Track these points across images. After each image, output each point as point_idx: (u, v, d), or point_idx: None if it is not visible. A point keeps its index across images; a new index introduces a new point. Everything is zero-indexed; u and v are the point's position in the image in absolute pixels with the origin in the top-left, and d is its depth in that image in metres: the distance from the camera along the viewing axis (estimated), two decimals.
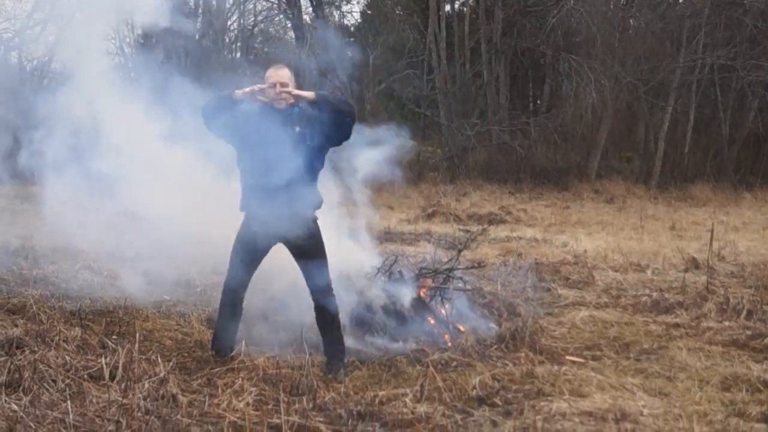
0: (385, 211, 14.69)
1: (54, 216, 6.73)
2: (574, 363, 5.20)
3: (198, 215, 5.90)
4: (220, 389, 4.28)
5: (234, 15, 25.65)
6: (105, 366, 4.36)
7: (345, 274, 5.76)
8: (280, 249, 4.96)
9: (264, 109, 4.77)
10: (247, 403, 4.05)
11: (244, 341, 4.94)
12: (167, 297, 6.58)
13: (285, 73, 4.84)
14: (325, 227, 5.01)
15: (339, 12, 26.70)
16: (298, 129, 4.77)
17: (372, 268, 6.03)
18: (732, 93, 22.13)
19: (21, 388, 4.01)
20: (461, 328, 5.85)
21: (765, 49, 20.67)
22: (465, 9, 24.92)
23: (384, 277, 5.98)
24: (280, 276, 5.59)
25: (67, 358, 4.46)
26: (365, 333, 5.62)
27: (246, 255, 4.89)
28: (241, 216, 4.95)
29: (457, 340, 5.55)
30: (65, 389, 4.07)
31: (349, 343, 5.29)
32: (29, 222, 7.51)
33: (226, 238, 5.02)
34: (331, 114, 4.73)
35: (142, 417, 3.75)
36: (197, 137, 5.53)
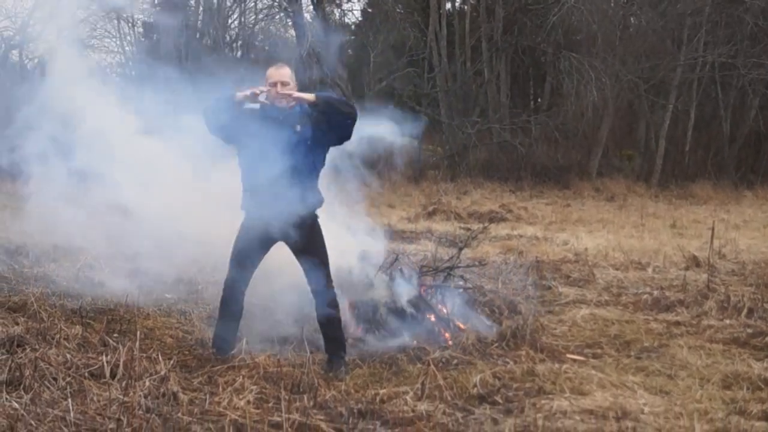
0: (386, 210, 14.69)
1: (54, 215, 6.72)
2: (574, 361, 5.21)
3: (199, 214, 5.90)
4: (220, 387, 4.29)
5: (235, 13, 25.63)
6: (106, 364, 4.36)
7: (346, 272, 5.76)
8: (280, 247, 4.96)
9: (265, 109, 4.77)
10: (248, 401, 4.05)
11: (244, 339, 4.94)
12: (168, 295, 6.59)
13: (286, 72, 4.84)
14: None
15: (340, 10, 26.68)
16: (298, 128, 4.76)
17: (373, 266, 6.03)
18: (733, 91, 22.10)
19: (22, 386, 4.01)
20: (462, 326, 5.85)
21: (766, 47, 20.63)
22: (466, 7, 24.89)
23: (385, 275, 5.98)
24: (280, 274, 5.59)
25: (68, 356, 4.46)
26: (366, 331, 5.63)
27: (247, 253, 4.90)
28: (242, 215, 4.95)
29: (458, 338, 5.55)
30: (66, 387, 4.07)
31: (350, 341, 5.29)
32: (29, 220, 7.50)
33: (226, 236, 5.02)
34: (332, 115, 4.73)
35: (142, 415, 3.75)
36: (197, 137, 5.53)
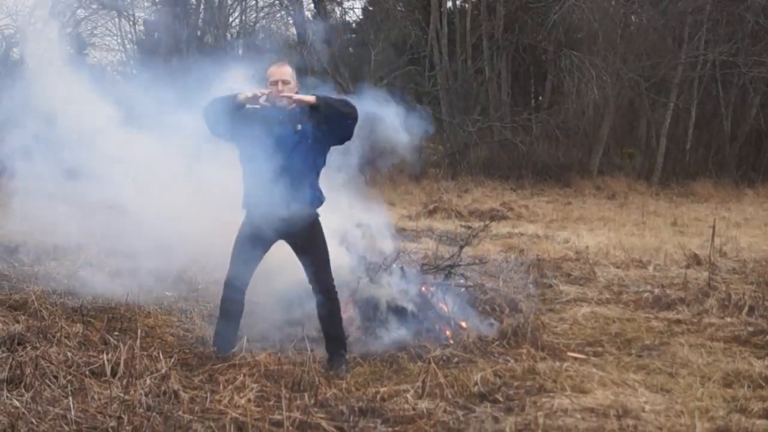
0: (387, 208, 14.67)
1: (54, 213, 6.72)
2: (575, 359, 5.21)
3: (199, 212, 5.90)
4: (221, 385, 4.28)
5: (236, 11, 25.64)
6: (106, 362, 4.35)
7: (347, 270, 5.77)
8: (281, 245, 4.96)
9: (265, 108, 4.77)
10: (249, 400, 4.05)
11: (245, 337, 4.93)
12: (169, 293, 6.59)
13: (287, 71, 4.83)
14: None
15: (341, 8, 26.66)
16: (299, 127, 4.76)
17: (374, 264, 6.03)
18: (734, 89, 22.08)
19: (22, 384, 4.00)
20: (463, 324, 5.85)
21: (767, 46, 20.62)
22: (466, 5, 24.86)
23: (386, 274, 5.98)
24: (281, 272, 5.59)
25: (69, 354, 4.46)
26: (367, 329, 5.62)
27: (247, 251, 4.89)
28: (243, 213, 4.95)
29: (459, 336, 5.55)
30: (67, 385, 4.07)
31: (351, 340, 5.29)
32: (29, 218, 7.51)
33: (227, 235, 5.02)
34: (333, 116, 4.73)
35: (143, 413, 3.75)
36: (198, 135, 5.52)
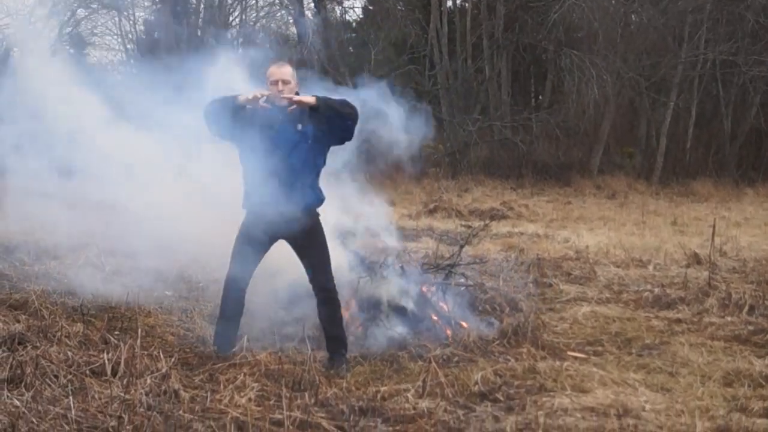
0: (387, 207, 14.65)
1: (55, 212, 6.72)
2: (575, 358, 5.20)
3: (200, 212, 5.90)
4: (222, 385, 4.29)
5: (236, 11, 25.64)
6: (107, 362, 4.35)
7: (347, 269, 5.77)
8: (281, 245, 4.96)
9: (266, 108, 4.77)
10: (249, 399, 4.06)
11: (245, 337, 4.93)
12: (169, 293, 6.59)
13: (287, 71, 4.83)
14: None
15: (341, 8, 26.64)
16: (300, 127, 4.76)
17: (374, 264, 6.03)
18: (734, 89, 22.08)
19: (23, 383, 4.00)
20: (463, 323, 5.85)
21: (767, 45, 20.62)
22: (467, 4, 24.86)
23: (386, 273, 5.98)
24: (281, 272, 5.59)
25: (69, 353, 4.46)
26: (367, 328, 5.62)
27: (248, 251, 4.89)
28: (243, 213, 4.95)
29: (459, 335, 5.54)
30: (67, 385, 4.07)
31: (351, 339, 5.29)
32: (30, 218, 7.51)
33: (227, 234, 5.02)
34: (333, 117, 4.72)
35: (144, 413, 3.75)
36: (199, 135, 5.52)
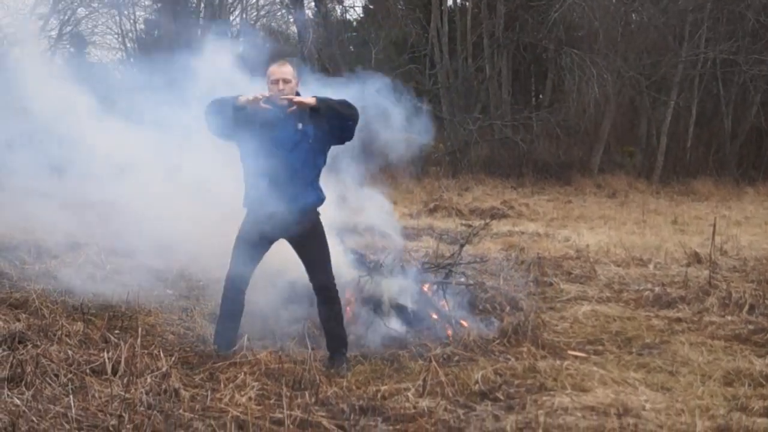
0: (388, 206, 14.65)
1: (55, 211, 6.72)
2: (576, 358, 5.20)
3: (200, 211, 5.90)
4: (222, 384, 4.29)
5: (236, 10, 25.65)
6: (107, 360, 4.35)
7: (347, 268, 5.77)
8: (282, 244, 4.96)
9: (267, 108, 4.76)
10: (250, 398, 4.06)
11: (246, 336, 4.93)
12: (170, 292, 6.58)
13: (288, 70, 4.83)
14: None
15: (341, 7, 26.64)
16: (300, 126, 4.76)
17: (374, 263, 6.03)
18: (734, 87, 22.07)
19: (23, 382, 4.00)
20: (464, 322, 5.85)
21: (767, 44, 20.61)
22: (467, 3, 24.85)
23: (386, 272, 5.98)
24: (282, 271, 5.59)
25: (70, 352, 4.46)
26: (368, 327, 5.63)
27: (248, 250, 4.89)
28: (244, 212, 4.95)
29: (460, 334, 5.55)
30: (68, 384, 4.07)
31: (352, 338, 5.29)
32: (30, 217, 7.51)
33: (228, 233, 5.02)
34: (333, 118, 4.73)
35: (144, 411, 3.75)
36: (199, 134, 5.52)
